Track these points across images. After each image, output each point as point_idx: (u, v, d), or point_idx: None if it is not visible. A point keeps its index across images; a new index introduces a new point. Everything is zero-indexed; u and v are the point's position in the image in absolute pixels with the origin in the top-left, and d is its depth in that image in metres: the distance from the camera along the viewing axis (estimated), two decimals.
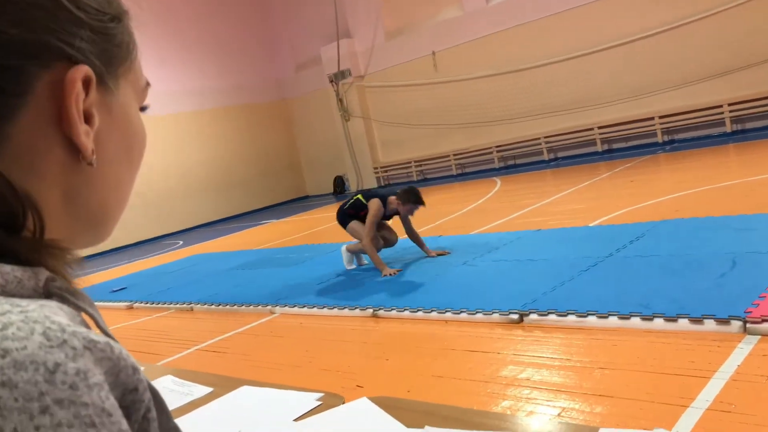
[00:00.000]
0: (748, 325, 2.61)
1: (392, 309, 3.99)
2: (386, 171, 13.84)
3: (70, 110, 0.42)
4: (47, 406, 0.32)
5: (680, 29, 9.46)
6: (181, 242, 11.33)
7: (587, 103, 10.72)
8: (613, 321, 2.99)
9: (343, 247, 5.53)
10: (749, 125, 9.30)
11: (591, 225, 5.29)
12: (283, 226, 10.65)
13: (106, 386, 0.35)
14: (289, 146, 15.59)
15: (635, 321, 2.92)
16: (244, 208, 14.39)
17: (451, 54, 12.11)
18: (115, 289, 7.02)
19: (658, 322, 2.85)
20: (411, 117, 13.05)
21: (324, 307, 4.42)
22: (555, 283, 3.73)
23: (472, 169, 12.54)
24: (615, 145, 10.73)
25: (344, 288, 4.87)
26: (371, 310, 4.08)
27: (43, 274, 0.39)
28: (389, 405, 1.03)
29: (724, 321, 2.68)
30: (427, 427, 0.93)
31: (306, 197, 15.57)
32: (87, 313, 0.41)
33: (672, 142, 10.01)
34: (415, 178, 13.29)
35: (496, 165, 12.02)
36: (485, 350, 3.09)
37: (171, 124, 13.26)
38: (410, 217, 5.19)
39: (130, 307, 6.02)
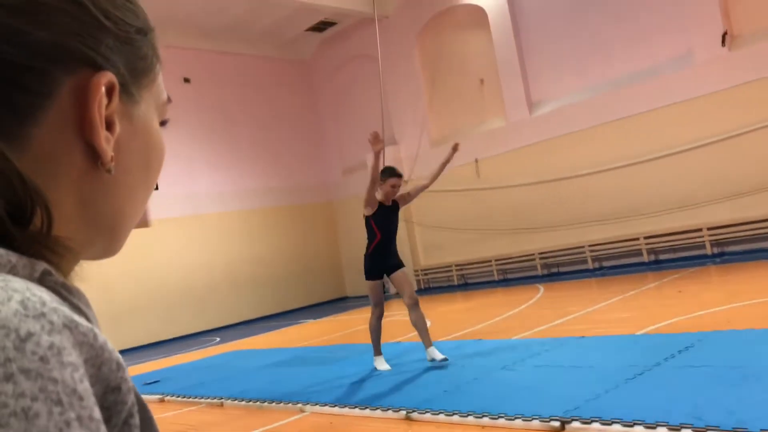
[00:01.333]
0: None
1: (426, 412, 3.81)
2: (426, 274, 13.76)
3: (93, 115, 0.42)
4: (12, 374, 0.29)
5: (730, 141, 9.42)
6: (218, 339, 11.30)
7: (633, 212, 10.61)
8: None
9: (375, 363, 5.41)
10: None
11: (638, 333, 5.06)
12: (321, 325, 10.55)
13: (83, 370, 0.33)
14: (332, 247, 15.74)
15: None
16: (283, 307, 14.38)
17: (494, 162, 12.30)
18: (148, 382, 6.96)
19: None
20: (453, 221, 13.11)
21: (356, 407, 4.26)
22: (599, 390, 3.52)
23: (514, 275, 12.36)
24: (662, 256, 10.48)
25: (377, 388, 4.71)
26: (404, 412, 3.90)
27: (41, 266, 0.38)
28: None
29: None
30: None
31: (345, 298, 15.51)
32: (81, 311, 0.39)
33: (722, 254, 9.72)
34: (455, 282, 13.15)
35: (539, 272, 11.83)
36: None
37: (217, 222, 13.62)
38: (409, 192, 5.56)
39: (162, 400, 5.93)
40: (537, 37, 11.74)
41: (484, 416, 3.49)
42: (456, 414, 3.64)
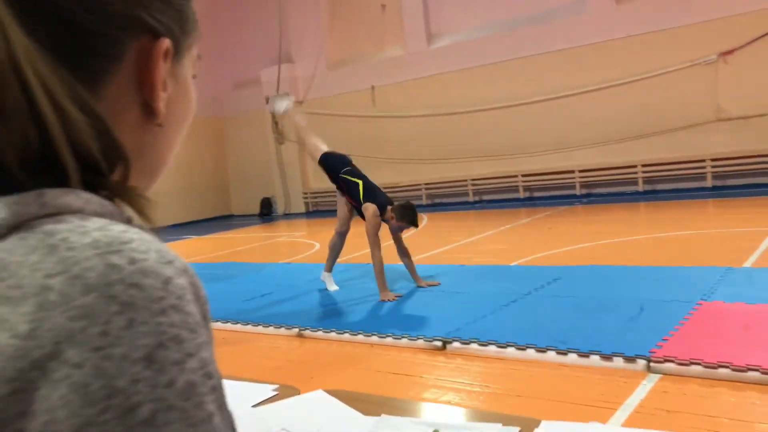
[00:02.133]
0: (651, 364, 2.84)
1: (318, 330, 4.03)
2: (315, 197, 13.88)
3: (155, 79, 0.49)
4: (165, 309, 0.39)
5: (606, 90, 10.11)
6: None
7: (513, 150, 11.21)
8: (531, 353, 3.16)
9: (323, 274, 5.23)
10: (659, 186, 9.99)
11: (511, 265, 5.53)
12: (206, 242, 10.47)
13: (197, 305, 0.43)
14: (219, 163, 15.38)
15: (551, 354, 3.10)
16: (164, 221, 14.02)
17: (390, 90, 12.40)
18: None
19: (572, 357, 3.04)
20: (345, 147, 13.06)
21: (248, 323, 4.40)
22: (477, 315, 3.89)
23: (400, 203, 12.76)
24: (536, 194, 11.24)
25: (270, 306, 4.86)
26: (297, 330, 4.10)
27: (126, 213, 0.46)
28: (344, 396, 1.10)
29: (630, 359, 2.90)
30: (383, 415, 1.01)
31: (230, 216, 15.35)
32: None
33: (589, 195, 10.59)
34: None
35: (424, 202, 12.31)
36: (409, 374, 3.19)
37: None
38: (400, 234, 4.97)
39: None
40: None
41: (373, 335, 3.76)
42: (346, 332, 3.88)
